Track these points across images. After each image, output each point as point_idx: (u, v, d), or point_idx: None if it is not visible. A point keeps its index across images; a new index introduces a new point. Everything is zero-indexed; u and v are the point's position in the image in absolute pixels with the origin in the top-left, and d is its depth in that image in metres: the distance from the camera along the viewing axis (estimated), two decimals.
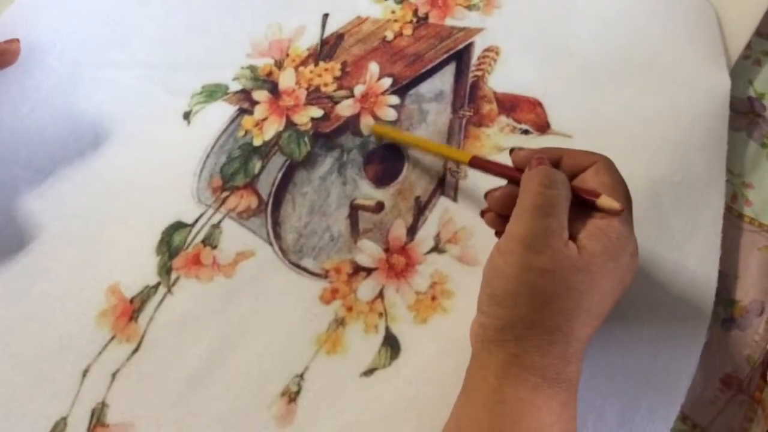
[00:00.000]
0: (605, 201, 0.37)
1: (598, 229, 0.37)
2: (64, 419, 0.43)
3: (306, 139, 0.50)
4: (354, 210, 0.48)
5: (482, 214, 0.43)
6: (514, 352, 0.36)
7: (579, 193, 0.38)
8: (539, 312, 0.36)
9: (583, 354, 0.37)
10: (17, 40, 0.49)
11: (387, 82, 0.52)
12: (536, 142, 0.50)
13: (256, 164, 0.50)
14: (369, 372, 0.44)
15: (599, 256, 0.36)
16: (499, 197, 0.41)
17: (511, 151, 0.41)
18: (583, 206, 0.38)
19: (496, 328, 0.37)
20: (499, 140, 0.50)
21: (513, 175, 0.40)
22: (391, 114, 0.51)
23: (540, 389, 0.35)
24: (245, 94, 0.52)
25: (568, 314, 0.36)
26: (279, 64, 0.53)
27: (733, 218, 0.49)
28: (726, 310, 0.47)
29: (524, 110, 0.51)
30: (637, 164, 0.47)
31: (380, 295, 0.46)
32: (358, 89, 0.52)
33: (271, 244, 0.47)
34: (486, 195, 0.42)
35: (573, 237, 0.37)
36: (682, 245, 0.46)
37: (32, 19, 0.51)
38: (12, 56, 0.49)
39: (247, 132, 0.51)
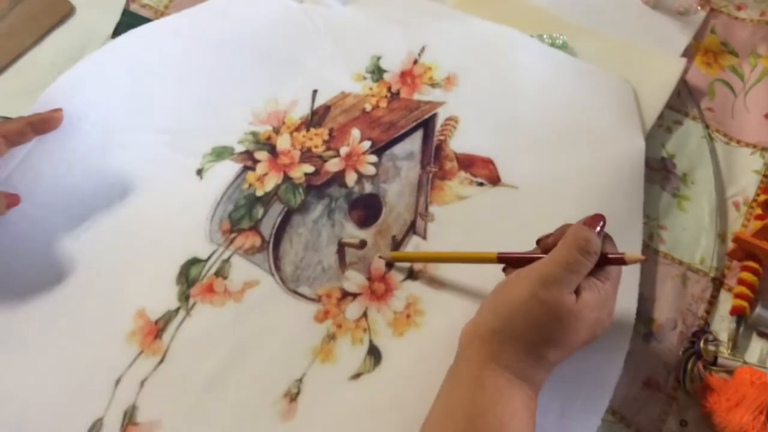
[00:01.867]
0: (632, 255, 0.46)
1: (595, 285, 0.46)
2: (100, 420, 0.51)
3: (300, 190, 0.60)
4: (341, 247, 0.58)
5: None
6: (496, 350, 0.45)
7: (606, 256, 0.47)
8: (528, 331, 0.45)
9: (549, 372, 0.46)
10: (60, 110, 0.58)
11: (367, 144, 0.62)
12: (489, 192, 0.60)
13: (259, 211, 0.59)
14: (356, 376, 0.53)
15: (588, 306, 0.45)
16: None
17: (539, 241, 0.50)
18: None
19: (488, 329, 0.46)
20: (459, 191, 0.61)
21: (535, 259, 0.48)
22: (370, 170, 0.61)
23: (512, 383, 0.44)
24: (248, 155, 0.62)
25: (548, 343, 0.45)
26: (276, 131, 0.63)
27: (651, 253, 0.59)
28: (646, 326, 0.57)
29: (479, 167, 0.61)
30: (572, 211, 0.56)
31: (364, 314, 0.55)
32: (343, 150, 0.62)
33: (272, 275, 0.57)
34: (504, 270, 0.51)
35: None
36: None
37: (72, 92, 0.60)
38: (55, 123, 0.57)
39: (250, 185, 0.60)
